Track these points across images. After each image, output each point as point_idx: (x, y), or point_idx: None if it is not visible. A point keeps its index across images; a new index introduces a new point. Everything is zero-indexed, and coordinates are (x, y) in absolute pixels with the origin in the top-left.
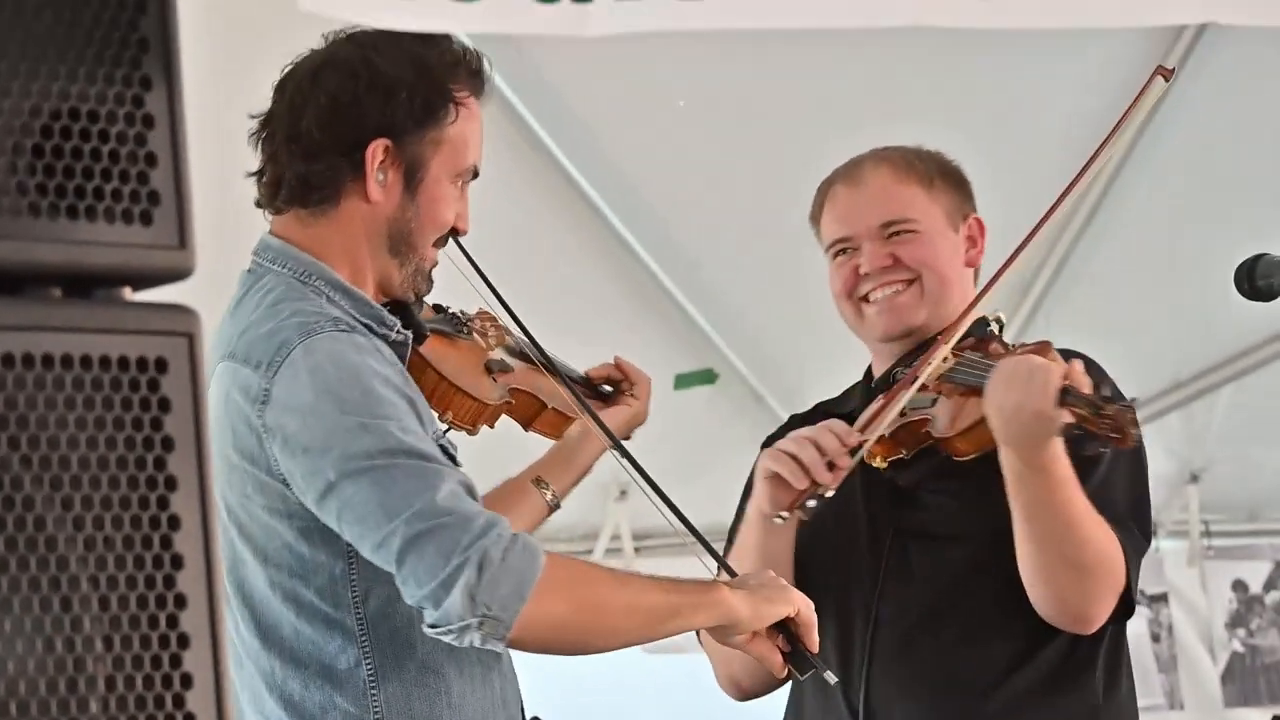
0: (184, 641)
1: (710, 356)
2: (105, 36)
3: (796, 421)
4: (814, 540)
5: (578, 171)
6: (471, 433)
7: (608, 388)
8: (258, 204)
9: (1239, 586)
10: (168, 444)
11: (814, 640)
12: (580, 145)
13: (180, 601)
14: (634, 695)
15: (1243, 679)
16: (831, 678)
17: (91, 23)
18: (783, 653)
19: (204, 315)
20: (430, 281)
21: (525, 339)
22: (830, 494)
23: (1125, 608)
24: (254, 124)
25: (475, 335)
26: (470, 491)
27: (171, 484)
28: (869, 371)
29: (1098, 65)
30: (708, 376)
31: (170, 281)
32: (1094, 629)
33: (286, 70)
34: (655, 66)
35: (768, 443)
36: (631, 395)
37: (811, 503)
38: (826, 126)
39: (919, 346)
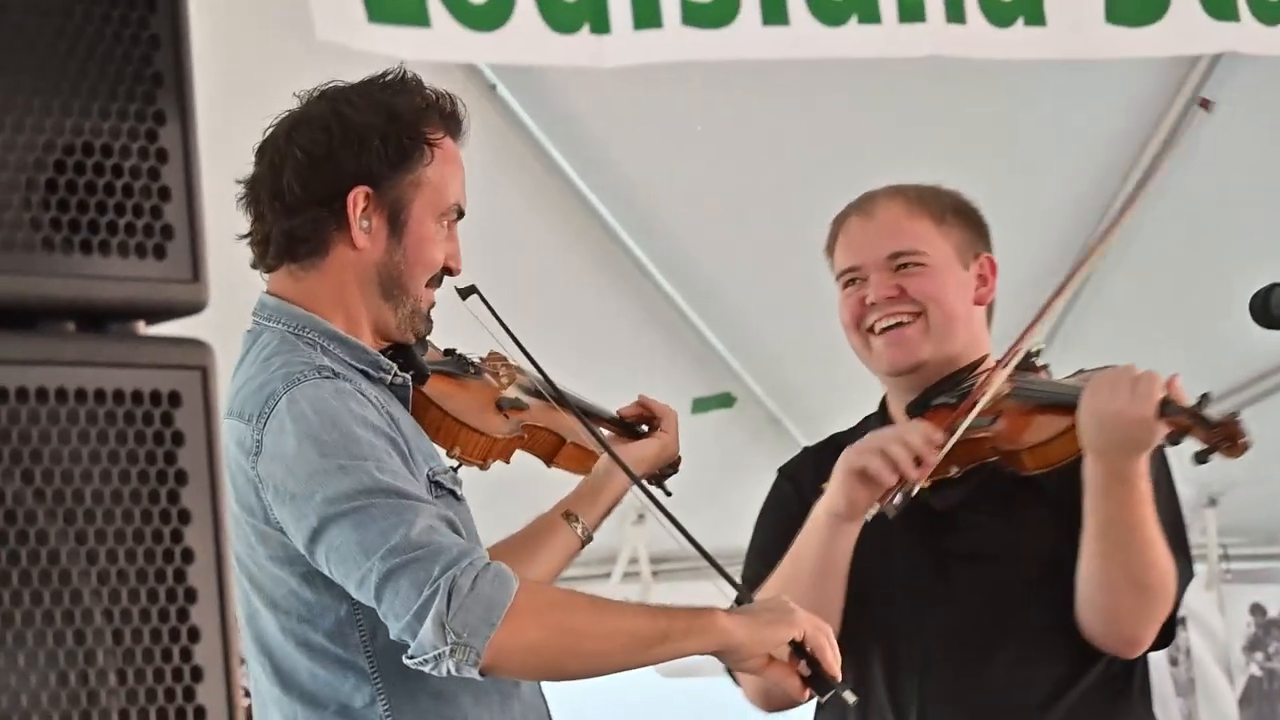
0: (198, 675)
1: (728, 381)
2: (119, 71)
3: (810, 454)
4: (854, 564)
5: (595, 197)
6: (483, 467)
7: (643, 426)
8: (252, 265)
9: (1257, 610)
10: (181, 478)
11: (829, 662)
12: (598, 170)
13: (194, 635)
14: (651, 718)
15: (1260, 703)
16: (851, 697)
17: (105, 58)
18: (802, 676)
19: (218, 349)
20: (429, 322)
21: (538, 375)
22: (916, 491)
23: (1166, 634)
24: (240, 189)
25: (485, 376)
26: (451, 525)
27: (185, 517)
28: (884, 404)
29: (1115, 96)
30: (725, 400)
31: (184, 315)
32: (1138, 653)
33: (265, 133)
34: (673, 92)
35: (785, 470)
36: (661, 430)
37: (898, 499)
38: (846, 154)
39: (949, 378)
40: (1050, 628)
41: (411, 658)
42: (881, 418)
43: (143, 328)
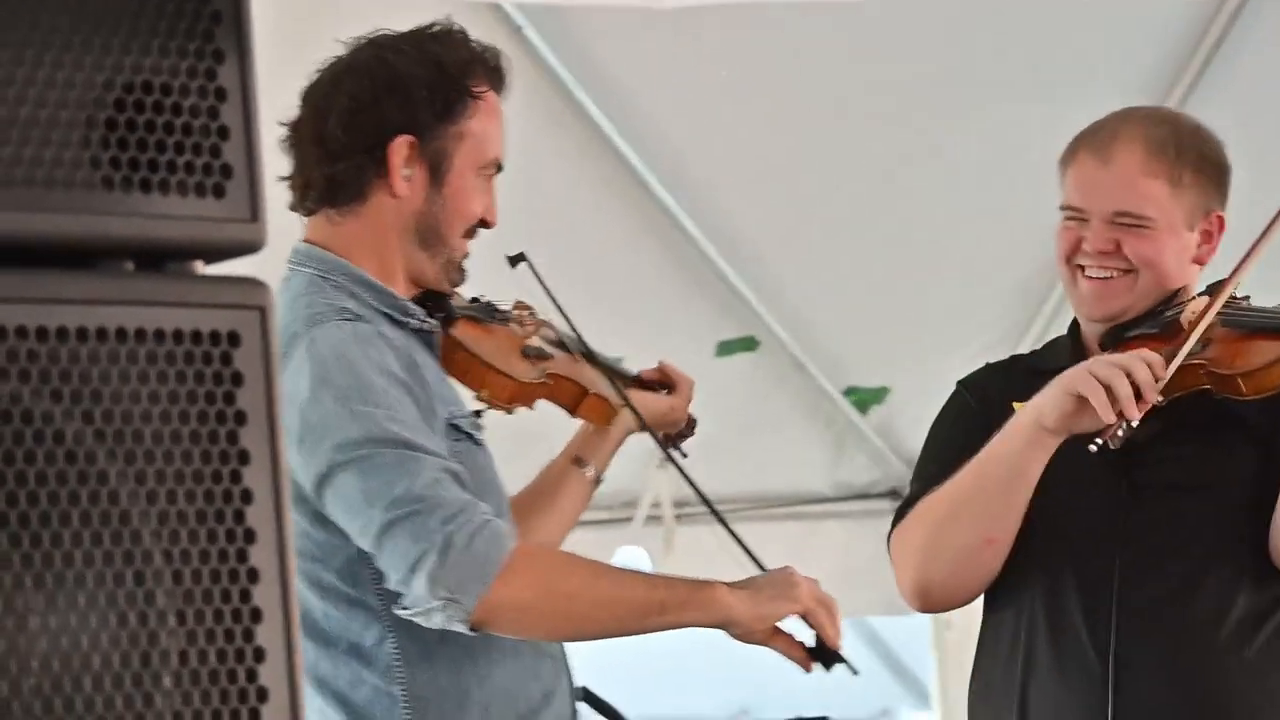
0: (257, 616)
1: (752, 324)
2: (178, 9)
3: (993, 370)
4: (1043, 491)
5: (620, 140)
6: (508, 411)
7: (661, 390)
8: (291, 207)
9: None
10: (240, 418)
11: (832, 634)
12: (623, 113)
13: (253, 576)
14: (681, 660)
15: None
16: (854, 669)
17: None
18: (807, 648)
19: (276, 289)
20: (462, 272)
21: (568, 328)
22: (1136, 425)
23: None
24: (283, 131)
25: (512, 324)
26: (458, 479)
27: (244, 458)
28: (1075, 327)
29: (1141, 35)
30: (749, 344)
31: (242, 255)
32: None
33: (311, 78)
34: (700, 35)
35: (965, 382)
36: (676, 394)
37: (1121, 432)
38: (875, 97)
39: (1158, 306)
40: (1249, 557)
41: (404, 609)
42: (1073, 340)
43: (201, 267)
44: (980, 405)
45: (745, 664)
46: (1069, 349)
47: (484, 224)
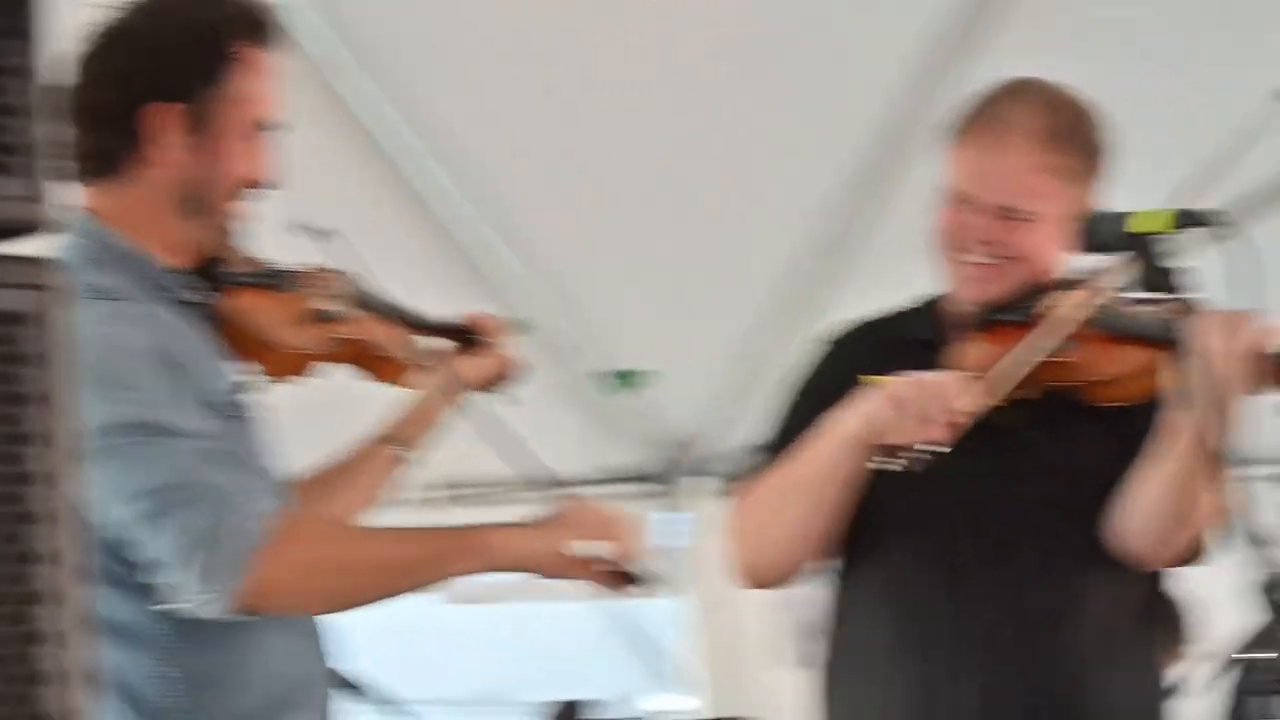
0: (34, 598)
1: (521, 304)
2: None
3: (865, 331)
4: (899, 474)
5: (387, 113)
6: (287, 382)
7: (483, 336)
8: (74, 179)
9: None
10: (22, 399)
11: (624, 547)
12: (389, 85)
13: (31, 557)
14: (435, 644)
15: None
16: (652, 582)
17: None
18: (613, 570)
19: None
20: (231, 236)
21: (369, 289)
22: (945, 450)
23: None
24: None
25: (303, 288)
26: (216, 459)
27: (25, 439)
28: (936, 298)
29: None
30: (520, 327)
31: (24, 234)
32: (1174, 566)
33: (80, 48)
34: (471, 7)
35: (832, 338)
36: (493, 347)
37: (924, 455)
38: (649, 75)
39: (1030, 293)
40: (1101, 547)
41: (176, 601)
42: (932, 310)
43: None
44: (839, 365)
45: (497, 648)
46: (927, 314)
47: (255, 185)
